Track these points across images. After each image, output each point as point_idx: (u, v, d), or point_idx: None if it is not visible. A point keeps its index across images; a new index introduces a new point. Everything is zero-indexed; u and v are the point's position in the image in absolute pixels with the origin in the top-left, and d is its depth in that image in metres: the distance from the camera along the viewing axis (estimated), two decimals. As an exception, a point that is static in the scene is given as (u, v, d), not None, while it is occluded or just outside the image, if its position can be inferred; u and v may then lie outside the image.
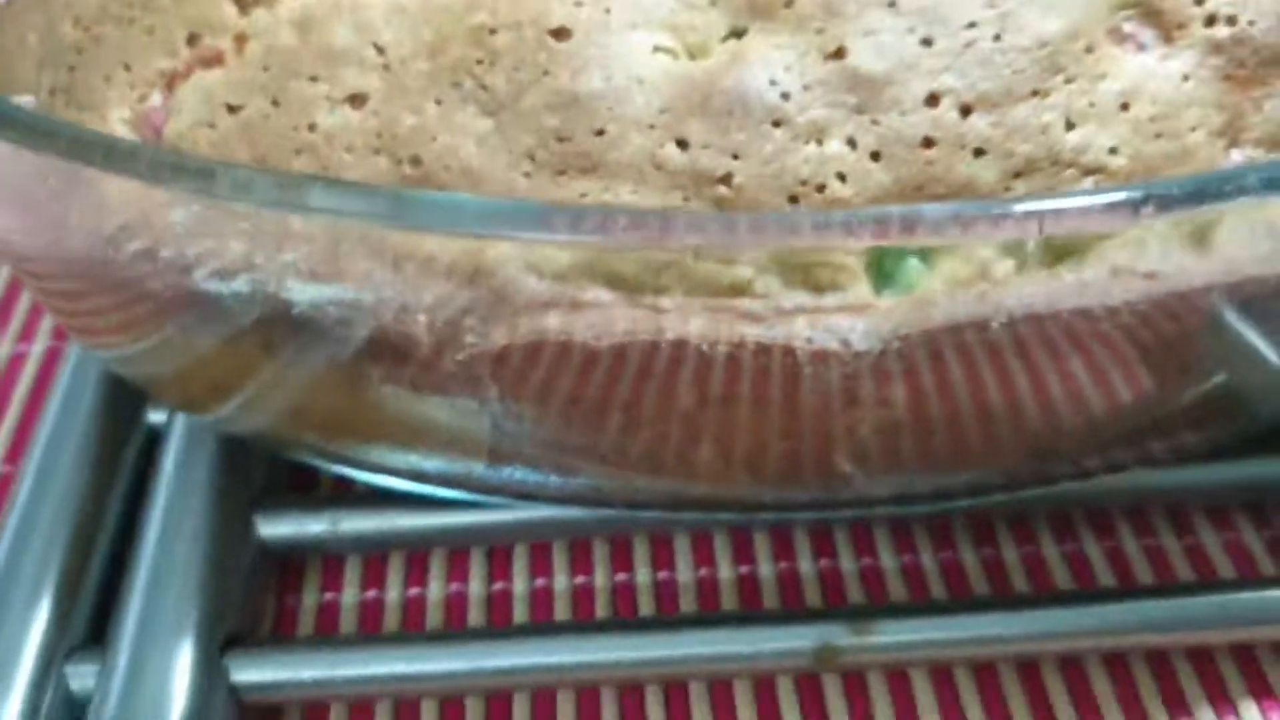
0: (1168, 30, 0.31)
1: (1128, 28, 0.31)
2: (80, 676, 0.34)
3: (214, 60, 0.32)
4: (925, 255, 0.30)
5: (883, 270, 0.30)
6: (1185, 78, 0.31)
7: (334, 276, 0.27)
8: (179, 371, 0.34)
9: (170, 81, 0.32)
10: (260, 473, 0.37)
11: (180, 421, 0.38)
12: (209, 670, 0.33)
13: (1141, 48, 0.31)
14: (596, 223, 0.24)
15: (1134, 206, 0.24)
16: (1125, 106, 0.30)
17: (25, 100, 0.35)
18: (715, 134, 0.29)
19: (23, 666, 0.33)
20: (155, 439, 0.39)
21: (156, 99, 0.32)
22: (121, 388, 0.40)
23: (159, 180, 0.25)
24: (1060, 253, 0.29)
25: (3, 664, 0.33)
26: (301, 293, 0.27)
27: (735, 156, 0.29)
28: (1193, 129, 0.31)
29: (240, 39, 0.32)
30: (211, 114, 0.31)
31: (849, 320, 0.27)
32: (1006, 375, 0.29)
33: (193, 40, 0.32)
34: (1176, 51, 0.31)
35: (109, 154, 0.26)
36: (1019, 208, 0.24)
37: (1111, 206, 0.25)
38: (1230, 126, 0.31)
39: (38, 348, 0.46)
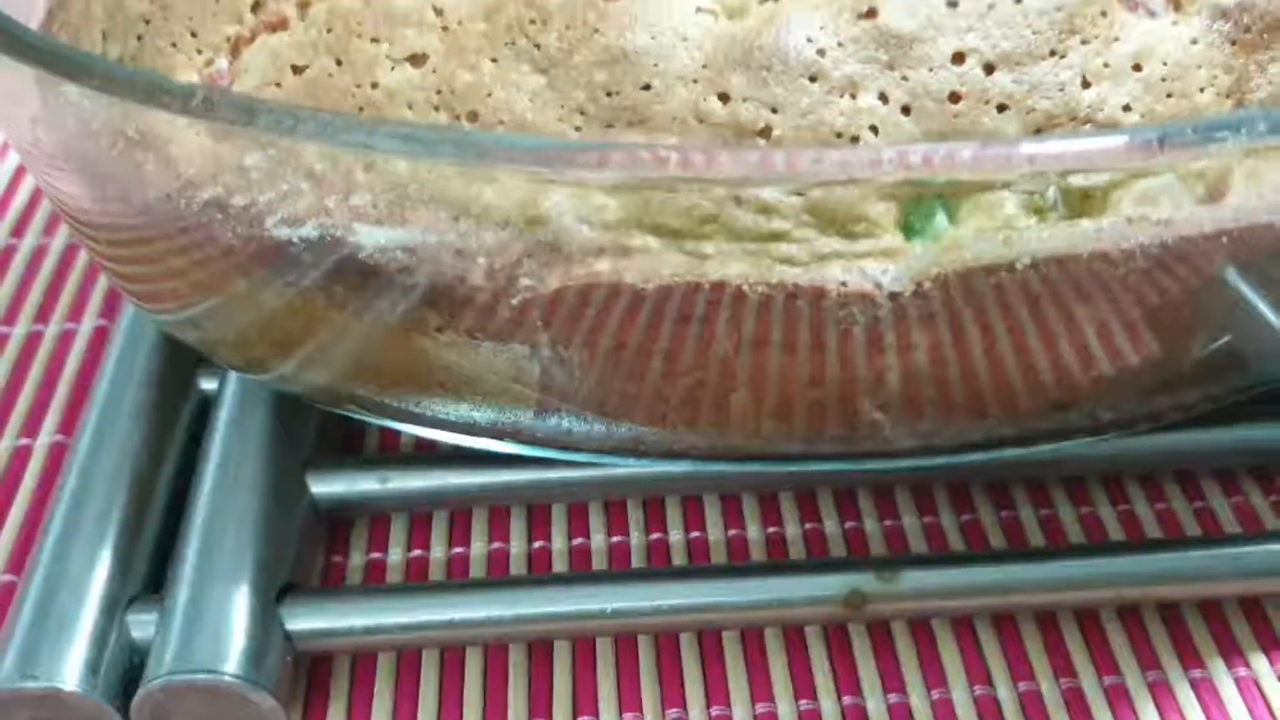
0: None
1: (1094, -4, 0.33)
2: (141, 625, 0.35)
3: (279, 25, 0.34)
4: (951, 210, 0.32)
5: (911, 226, 0.31)
6: (1194, 41, 0.33)
7: (399, 221, 0.28)
8: (242, 330, 0.35)
9: (235, 46, 0.34)
10: (312, 433, 0.39)
11: (233, 386, 0.39)
12: (264, 618, 0.34)
13: (1152, 14, 0.33)
14: (650, 159, 0.26)
15: (1150, 145, 0.26)
16: (1138, 67, 0.32)
17: (90, 72, 0.37)
18: (755, 88, 0.31)
19: (86, 615, 0.34)
20: (207, 405, 0.40)
21: (223, 63, 0.34)
22: (175, 356, 0.41)
23: (240, 122, 0.27)
24: (1080, 209, 0.31)
25: (67, 613, 0.34)
26: (368, 237, 0.29)
27: (774, 110, 0.31)
28: (1201, 89, 0.32)
29: (304, 4, 0.34)
30: (278, 74, 0.33)
31: (881, 264, 0.29)
32: (1027, 322, 0.30)
33: (257, 7, 0.34)
34: (1185, 18, 0.33)
35: (190, 99, 0.28)
36: (1039, 149, 0.26)
37: (1131, 146, 0.26)
38: (1237, 87, 0.33)
39: (86, 326, 0.47)
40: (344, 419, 0.39)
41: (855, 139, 0.31)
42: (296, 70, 0.33)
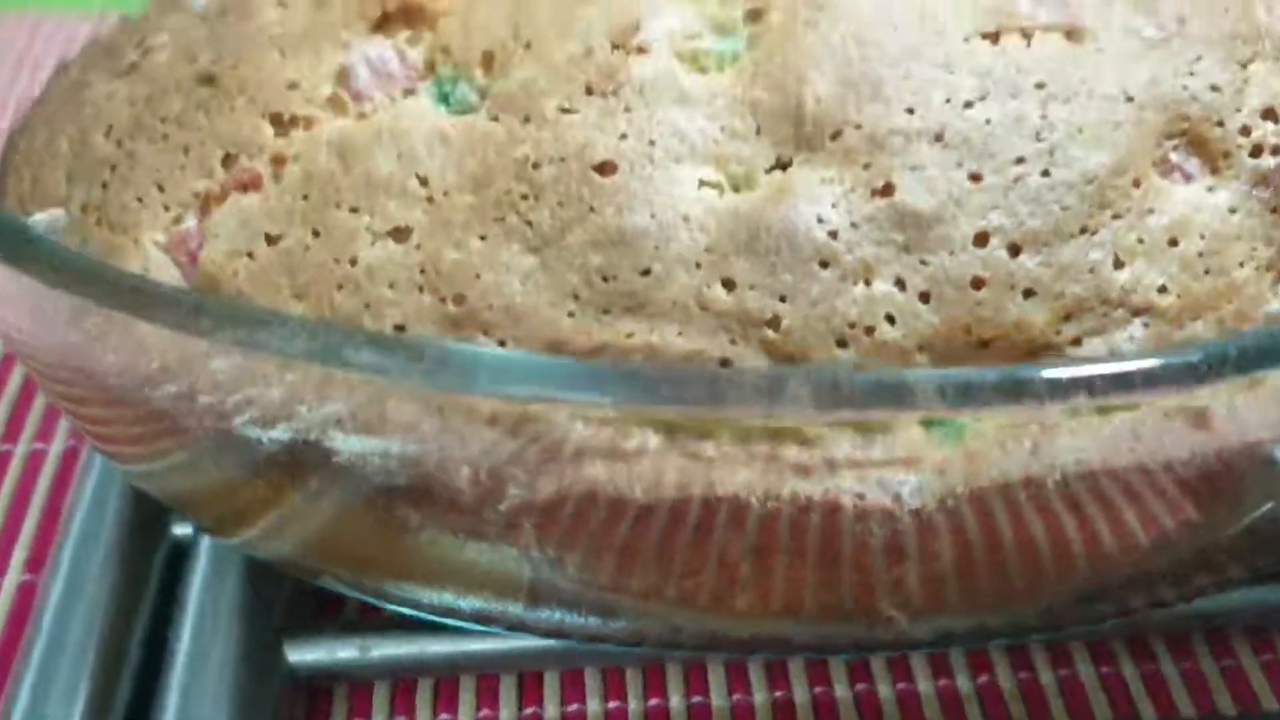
0: (1214, 160, 0.31)
1: (1174, 158, 0.31)
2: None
3: (251, 184, 0.31)
4: (974, 395, 0.29)
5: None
6: (1232, 210, 0.31)
7: (378, 428, 0.26)
8: (205, 496, 0.33)
9: (205, 203, 0.32)
10: (288, 595, 0.37)
11: (206, 541, 0.37)
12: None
13: (1188, 178, 0.31)
14: (644, 385, 0.24)
15: (1197, 372, 0.24)
16: (1174, 242, 0.30)
17: (55, 214, 0.35)
18: (762, 274, 0.28)
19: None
20: (182, 552, 0.38)
21: (191, 222, 0.32)
22: (146, 500, 0.39)
23: (199, 331, 0.25)
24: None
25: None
26: (344, 443, 0.27)
27: (782, 298, 0.28)
28: (1240, 264, 0.30)
29: (278, 161, 0.32)
30: (249, 242, 0.30)
31: (900, 474, 0.27)
32: (1057, 525, 0.28)
33: (228, 161, 0.32)
34: (1223, 183, 0.31)
35: (147, 301, 0.26)
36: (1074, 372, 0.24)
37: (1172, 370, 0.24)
38: (1278, 260, 0.31)
39: (56, 447, 0.45)
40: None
41: (870, 330, 0.28)
42: (271, 240, 0.30)
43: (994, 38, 0.31)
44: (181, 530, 0.39)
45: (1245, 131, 0.31)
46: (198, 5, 0.41)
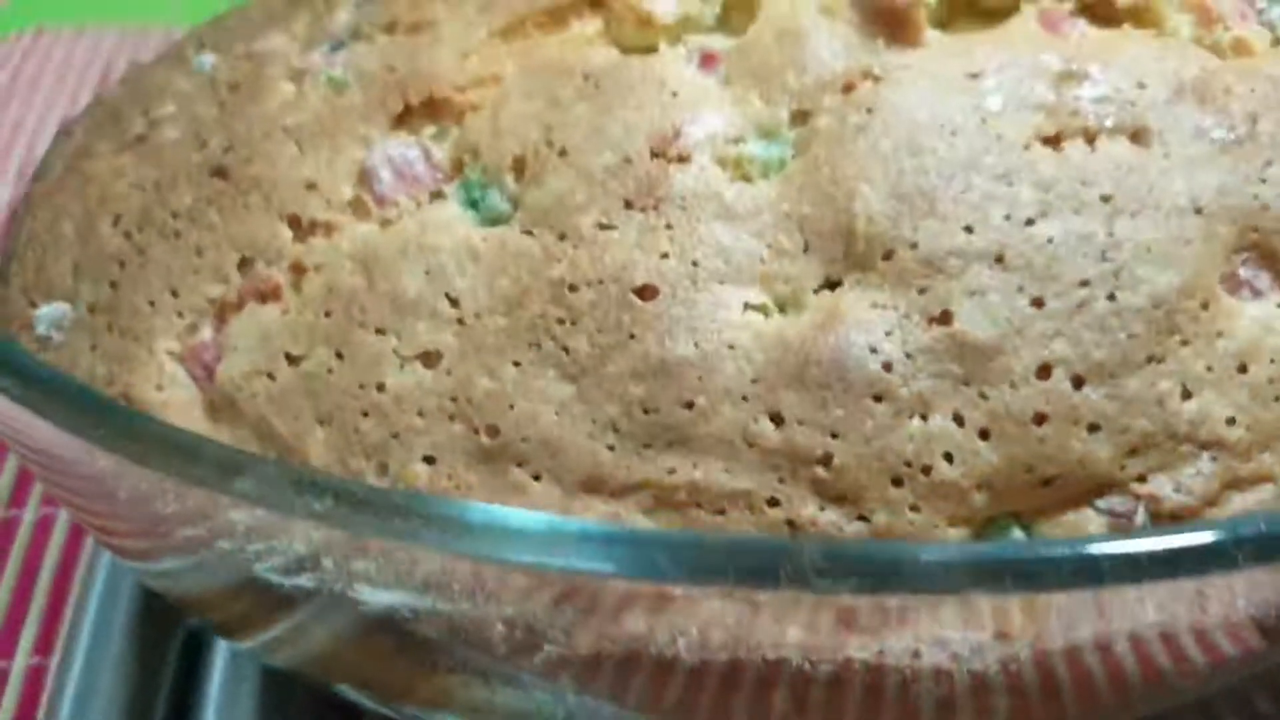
0: (1284, 274, 0.30)
1: (1243, 273, 0.29)
2: None
3: (270, 293, 0.30)
4: (1029, 529, 0.28)
5: (986, 539, 0.28)
6: (1305, 330, 0.29)
7: (407, 583, 0.25)
8: (217, 604, 0.32)
9: (221, 311, 0.30)
10: (308, 712, 0.35)
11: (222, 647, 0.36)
12: None
13: (1258, 294, 0.29)
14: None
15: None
16: (1243, 368, 0.28)
17: (60, 308, 0.33)
18: (812, 408, 0.27)
19: None
20: (198, 644, 0.37)
21: (207, 332, 0.30)
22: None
23: (218, 488, 0.23)
24: (1168, 522, 0.28)
25: None
26: (371, 595, 0.25)
27: (834, 435, 0.27)
28: (1313, 388, 0.29)
29: (297, 269, 0.30)
30: (270, 361, 0.29)
31: (959, 631, 0.26)
32: (1119, 669, 0.27)
33: (245, 266, 0.31)
34: (1295, 300, 0.29)
35: (161, 451, 0.24)
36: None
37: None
38: (1352, 382, 0.29)
39: (65, 514, 0.44)
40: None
41: (928, 469, 0.27)
42: (292, 360, 0.29)
43: (1056, 141, 0.29)
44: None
45: (1318, 242, 0.29)
46: (205, 65, 0.39)
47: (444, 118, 0.31)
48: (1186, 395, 0.28)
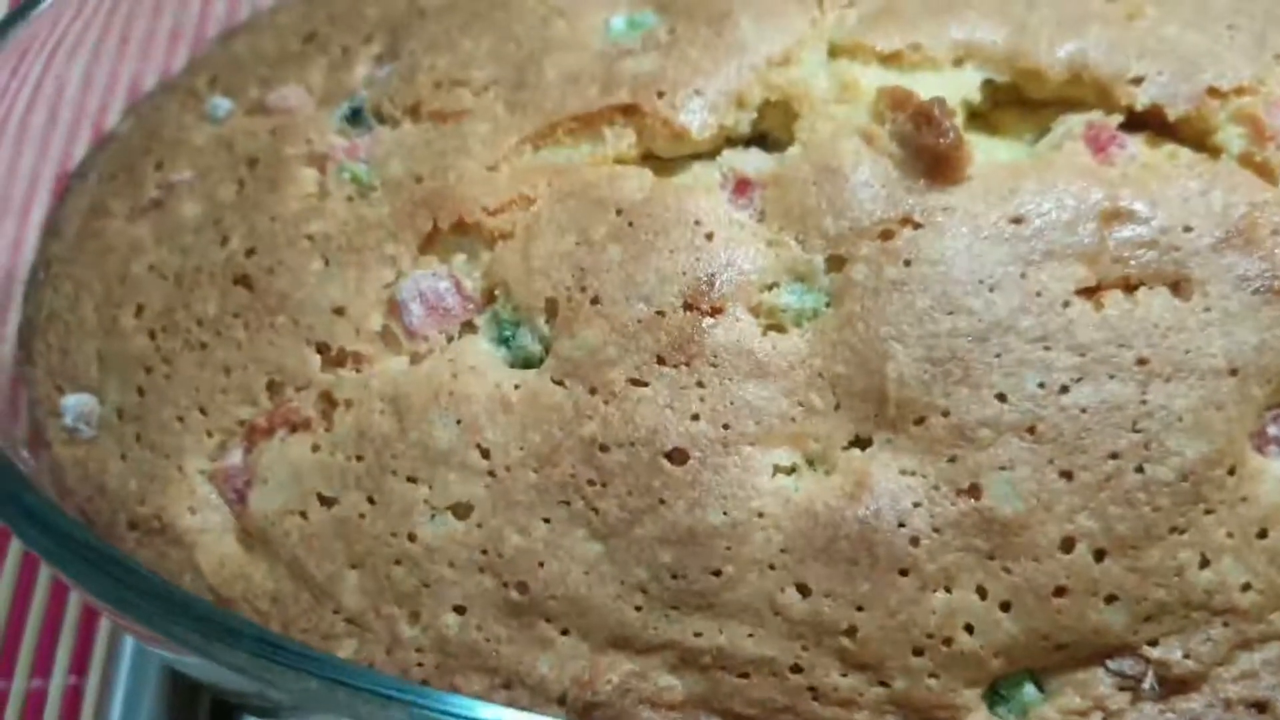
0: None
1: (1272, 430, 0.29)
2: None
3: (300, 425, 0.30)
4: (1041, 683, 0.29)
5: (998, 693, 0.29)
6: (1326, 488, 0.29)
7: (446, 686, 0.26)
8: (243, 699, 0.33)
9: (251, 435, 0.30)
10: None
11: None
12: None
13: (1282, 449, 0.30)
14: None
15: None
16: (1263, 533, 0.29)
17: (86, 400, 0.33)
18: (839, 581, 0.27)
19: None
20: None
21: (237, 455, 0.30)
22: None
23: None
24: (1175, 684, 0.28)
25: None
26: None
27: (860, 608, 0.27)
28: (1329, 548, 0.29)
29: (327, 399, 0.30)
30: (303, 501, 0.29)
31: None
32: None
33: (273, 389, 0.30)
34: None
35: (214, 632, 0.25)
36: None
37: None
38: (1367, 538, 0.30)
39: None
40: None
41: (949, 640, 0.27)
42: (324, 501, 0.29)
43: (1096, 291, 0.29)
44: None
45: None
46: (219, 111, 0.37)
47: (474, 239, 0.30)
48: (1205, 563, 0.28)
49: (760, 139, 0.32)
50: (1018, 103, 0.33)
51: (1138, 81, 0.32)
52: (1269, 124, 0.32)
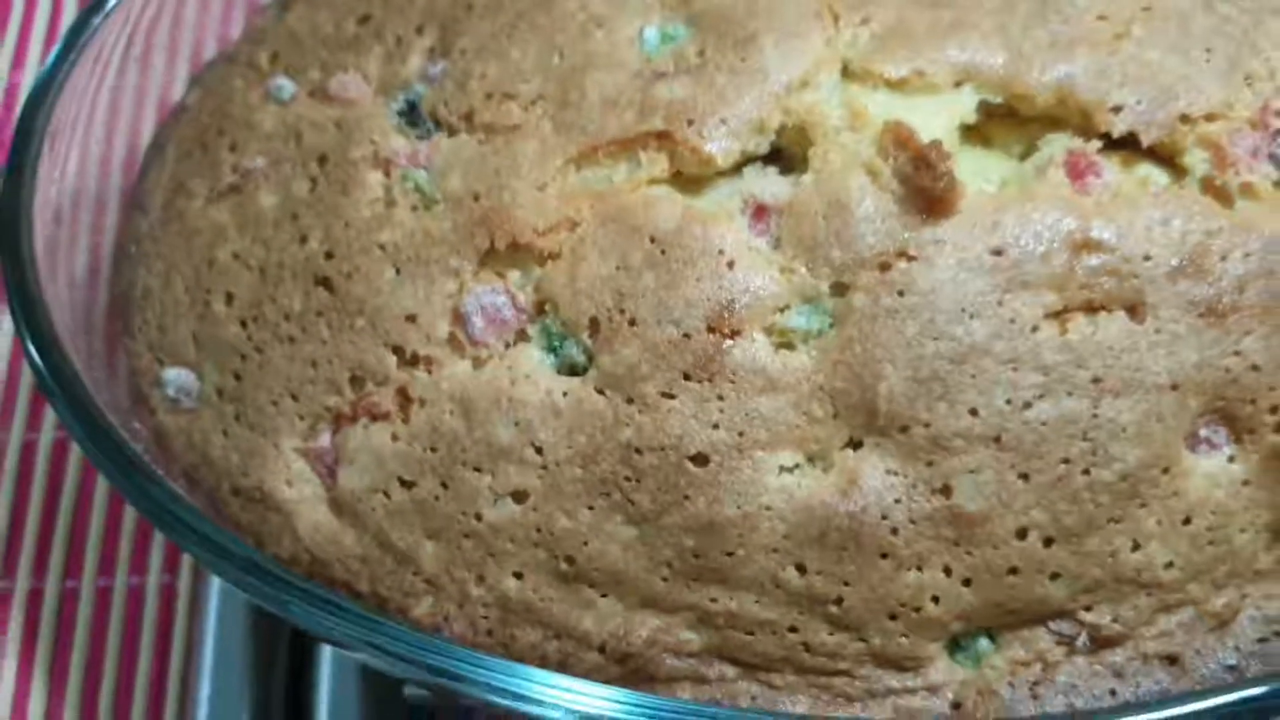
0: (1239, 433, 0.34)
1: (1204, 431, 0.34)
2: None
3: (379, 415, 0.35)
4: (993, 637, 0.35)
5: (957, 645, 0.35)
6: (1245, 482, 0.34)
7: (506, 639, 0.33)
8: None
9: (337, 419, 0.36)
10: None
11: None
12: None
13: (1215, 447, 0.35)
14: None
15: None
16: (1188, 520, 0.34)
17: (186, 375, 0.38)
18: (830, 563, 0.33)
19: None
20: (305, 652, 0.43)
21: (325, 437, 0.36)
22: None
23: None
24: (1104, 641, 0.35)
25: None
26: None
27: (846, 583, 0.33)
28: (1242, 530, 0.35)
29: (404, 396, 0.35)
30: (385, 482, 0.35)
31: (926, 699, 0.33)
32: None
33: (355, 383, 0.36)
34: (1245, 454, 0.34)
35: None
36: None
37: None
38: (1277, 521, 0.35)
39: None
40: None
41: (918, 608, 0.33)
42: (405, 484, 0.35)
43: (1063, 314, 0.34)
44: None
45: (1274, 410, 0.34)
46: (284, 93, 0.41)
47: (525, 256, 0.35)
48: (1136, 547, 0.34)
49: (776, 152, 0.36)
50: (1009, 114, 0.37)
51: (1117, 110, 0.35)
52: (1230, 151, 0.36)
